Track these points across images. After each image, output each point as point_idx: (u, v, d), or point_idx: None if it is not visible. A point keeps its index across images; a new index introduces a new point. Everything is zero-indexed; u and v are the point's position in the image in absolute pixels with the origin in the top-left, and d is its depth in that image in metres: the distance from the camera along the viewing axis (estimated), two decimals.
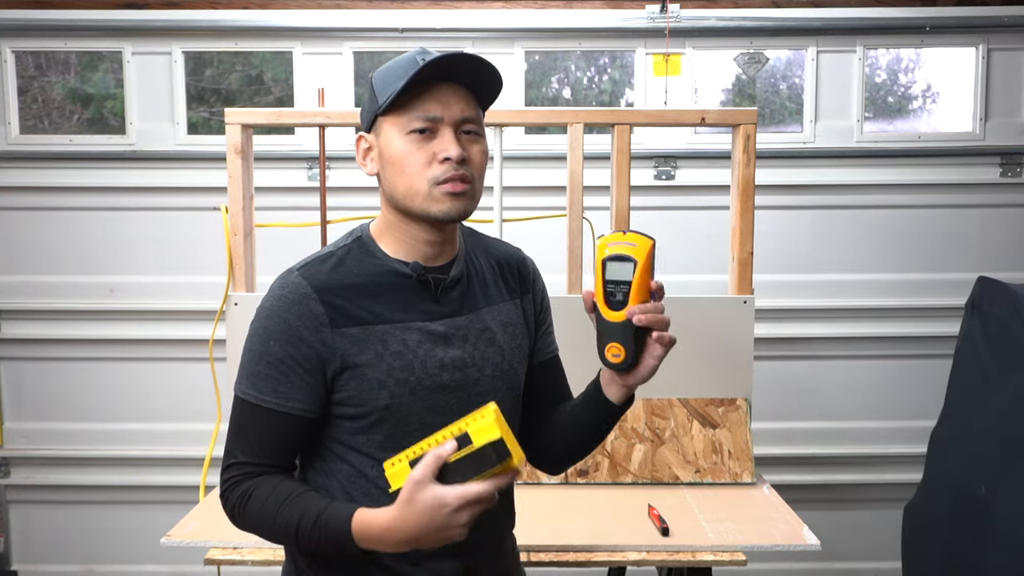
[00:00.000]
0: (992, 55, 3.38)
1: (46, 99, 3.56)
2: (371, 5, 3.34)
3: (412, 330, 1.31)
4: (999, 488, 2.40)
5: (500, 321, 1.40)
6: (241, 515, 1.32)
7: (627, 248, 1.25)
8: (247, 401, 1.31)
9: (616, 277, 1.25)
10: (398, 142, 1.30)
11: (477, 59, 1.28)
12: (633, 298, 1.25)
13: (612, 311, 1.25)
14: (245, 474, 1.31)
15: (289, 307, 1.29)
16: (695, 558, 1.96)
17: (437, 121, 1.29)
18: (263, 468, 1.31)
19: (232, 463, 1.33)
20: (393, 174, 1.31)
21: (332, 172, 3.29)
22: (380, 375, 1.28)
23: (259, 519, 1.30)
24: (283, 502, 1.27)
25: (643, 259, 1.25)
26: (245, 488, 1.31)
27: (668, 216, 3.37)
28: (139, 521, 3.44)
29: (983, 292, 2.59)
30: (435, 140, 1.29)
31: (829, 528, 3.03)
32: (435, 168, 1.28)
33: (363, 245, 1.36)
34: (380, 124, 1.32)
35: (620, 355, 1.26)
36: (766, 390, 3.30)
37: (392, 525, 1.19)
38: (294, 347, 1.28)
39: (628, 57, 3.48)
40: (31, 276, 3.44)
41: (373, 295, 1.31)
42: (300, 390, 1.29)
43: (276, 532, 1.29)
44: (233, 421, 1.34)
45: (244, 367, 1.32)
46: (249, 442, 1.31)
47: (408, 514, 1.17)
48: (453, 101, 1.30)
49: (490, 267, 1.44)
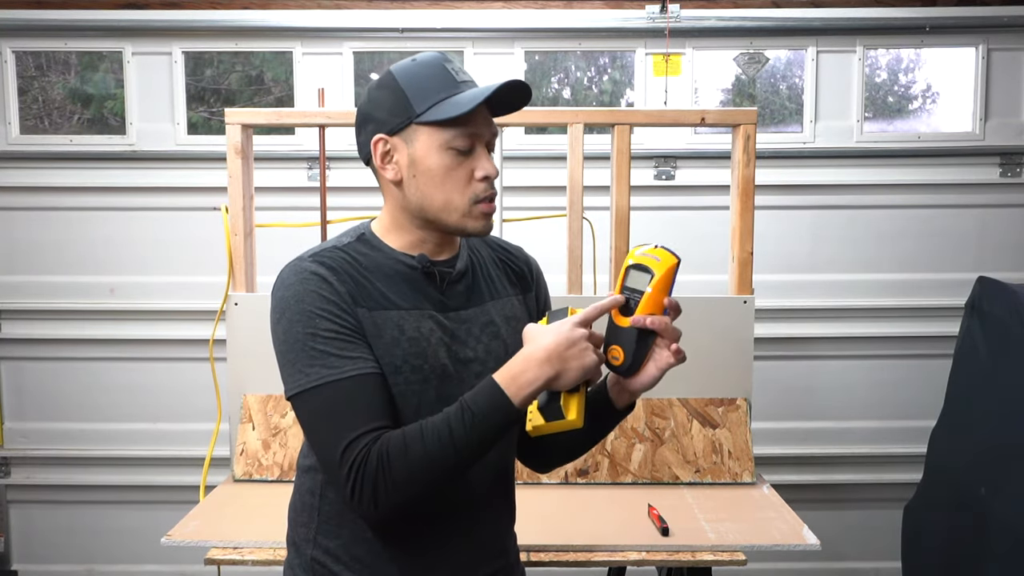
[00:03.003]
0: (992, 55, 3.38)
1: (46, 99, 3.57)
2: (371, 5, 3.34)
3: (425, 318, 1.32)
4: (999, 488, 2.40)
5: (504, 315, 1.41)
6: (389, 479, 1.20)
7: (651, 261, 1.29)
8: (324, 385, 1.23)
9: (634, 285, 1.29)
10: (437, 156, 1.30)
11: (528, 92, 1.33)
12: (643, 308, 1.28)
13: (622, 316, 1.29)
14: (370, 442, 1.21)
15: (318, 285, 1.27)
16: (695, 558, 1.96)
17: (478, 139, 1.32)
18: (382, 429, 1.23)
19: (347, 445, 1.20)
20: (429, 186, 1.31)
21: (332, 172, 3.29)
22: (397, 360, 1.29)
23: (412, 464, 1.20)
24: (421, 432, 1.21)
25: (661, 273, 1.28)
26: (380, 451, 1.20)
27: (668, 216, 3.38)
28: (139, 521, 3.44)
29: (983, 292, 2.59)
30: (472, 158, 1.32)
31: (829, 528, 3.03)
32: (475, 186, 1.32)
33: (367, 241, 1.37)
34: (415, 132, 1.30)
35: (619, 358, 1.29)
36: (766, 390, 3.30)
37: (528, 352, 1.22)
38: (341, 317, 1.26)
39: (628, 57, 3.48)
40: (31, 276, 3.44)
41: (386, 282, 1.32)
42: (368, 351, 1.26)
43: (435, 461, 1.20)
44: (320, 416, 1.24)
45: (297, 363, 1.25)
46: (354, 417, 1.22)
47: (538, 339, 1.23)
48: (489, 122, 1.34)
49: (494, 262, 1.46)
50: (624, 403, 1.37)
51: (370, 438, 1.21)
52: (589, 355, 1.22)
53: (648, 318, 1.27)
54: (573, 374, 1.22)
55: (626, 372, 1.30)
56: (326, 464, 1.24)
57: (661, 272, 1.28)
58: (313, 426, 1.26)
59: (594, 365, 1.23)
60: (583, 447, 1.47)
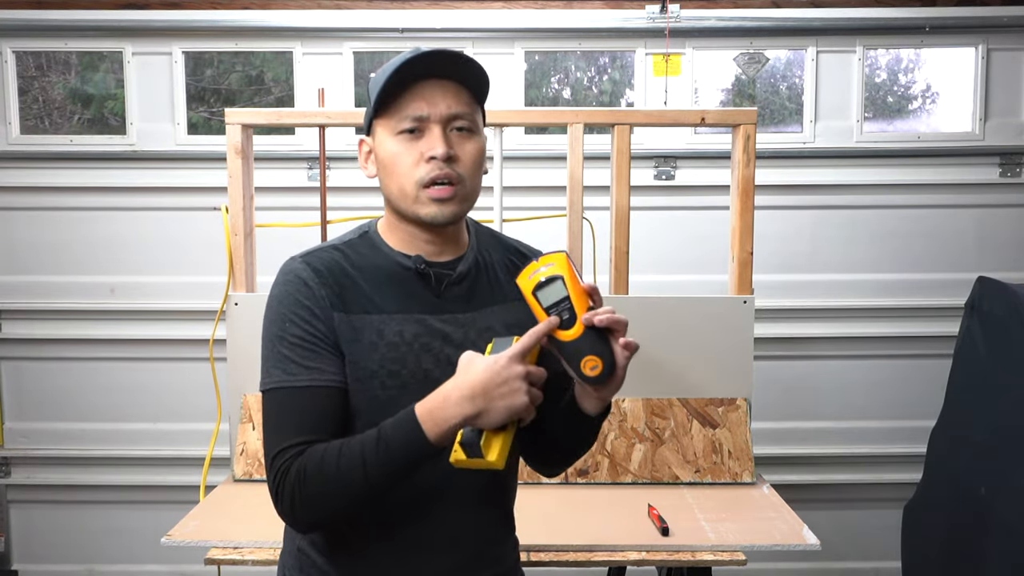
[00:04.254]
0: (992, 55, 3.38)
1: (46, 99, 3.57)
2: (371, 5, 3.34)
3: (411, 322, 1.30)
4: (999, 488, 2.40)
5: (505, 322, 1.37)
6: (303, 494, 1.20)
7: (548, 271, 1.22)
8: (279, 388, 1.25)
9: (552, 300, 1.21)
10: (390, 143, 1.30)
11: (455, 54, 1.27)
12: (578, 309, 1.21)
13: (567, 331, 1.21)
14: (295, 454, 1.22)
15: (297, 288, 1.28)
16: (695, 558, 1.96)
17: (424, 120, 1.28)
18: (313, 442, 1.23)
19: (277, 453, 1.23)
20: (386, 176, 1.32)
21: (332, 172, 3.29)
22: (373, 365, 1.28)
23: (325, 483, 1.19)
24: (339, 452, 1.20)
25: (567, 271, 1.22)
26: (300, 465, 1.21)
27: (668, 216, 3.38)
28: (139, 521, 3.44)
29: (983, 292, 2.60)
30: (423, 139, 1.29)
31: (829, 528, 3.03)
32: (421, 168, 1.28)
33: (369, 240, 1.36)
34: (376, 128, 1.33)
35: (598, 366, 1.21)
36: (766, 390, 3.30)
37: (453, 384, 1.18)
38: (311, 324, 1.27)
39: (628, 57, 3.48)
40: (31, 276, 3.44)
41: (374, 285, 1.31)
42: (329, 362, 1.26)
43: (345, 484, 1.19)
44: (269, 418, 1.27)
45: (266, 361, 1.28)
46: (291, 426, 1.24)
47: (467, 370, 1.18)
48: (440, 98, 1.28)
49: (504, 265, 1.41)
50: (598, 410, 1.30)
51: (297, 450, 1.22)
52: (520, 396, 1.15)
53: (595, 315, 1.20)
54: (497, 415, 1.15)
55: (608, 376, 1.22)
56: (265, 465, 1.27)
57: (565, 270, 1.22)
58: (264, 426, 1.28)
59: (522, 406, 1.16)
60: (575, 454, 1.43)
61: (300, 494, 1.21)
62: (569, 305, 1.21)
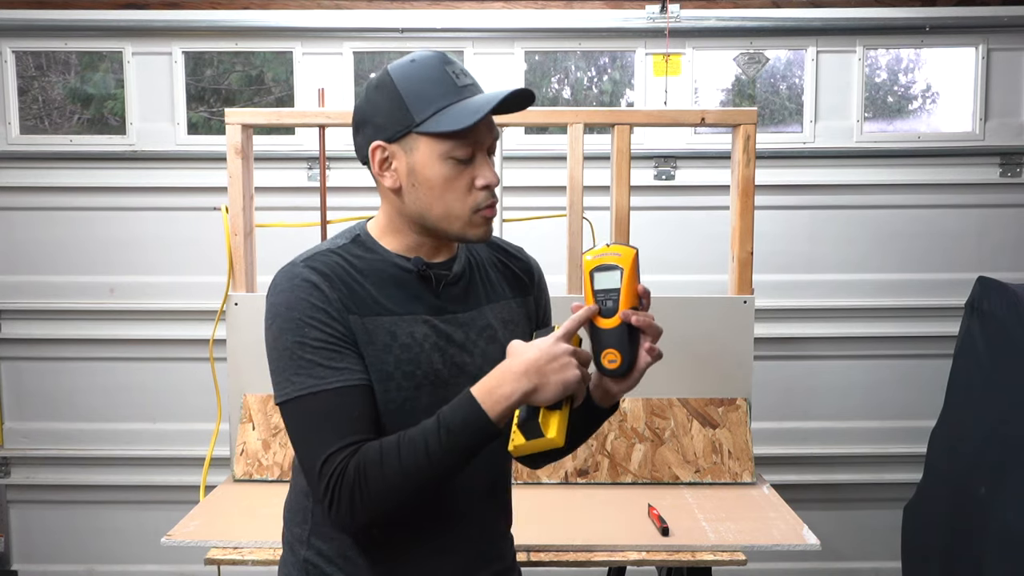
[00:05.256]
0: (992, 55, 3.38)
1: (46, 99, 3.57)
2: (371, 5, 3.34)
3: (419, 323, 1.31)
4: (999, 488, 2.40)
5: (502, 319, 1.40)
6: (365, 492, 1.19)
7: (612, 258, 1.29)
8: (310, 395, 1.22)
9: (605, 286, 1.28)
10: (439, 166, 1.27)
11: (532, 96, 1.30)
12: (623, 303, 1.27)
13: (605, 319, 1.27)
14: (349, 455, 1.20)
15: (309, 292, 1.26)
16: (695, 558, 1.96)
17: (478, 147, 1.29)
18: (361, 442, 1.22)
19: (327, 458, 1.20)
20: (429, 196, 1.29)
21: (332, 172, 3.29)
22: (388, 367, 1.27)
23: (389, 477, 1.19)
24: (398, 445, 1.19)
25: (628, 266, 1.28)
26: (357, 464, 1.19)
27: (668, 216, 3.38)
28: (139, 521, 3.44)
29: (983, 292, 2.60)
30: (473, 166, 1.29)
31: (829, 528, 3.03)
32: (476, 195, 1.29)
33: (362, 243, 1.35)
34: (414, 141, 1.27)
35: (616, 360, 1.27)
36: (766, 390, 3.30)
37: (507, 365, 1.20)
38: (330, 326, 1.25)
39: (628, 57, 3.48)
40: (31, 276, 3.44)
41: (379, 288, 1.30)
42: (355, 361, 1.25)
43: (409, 476, 1.19)
44: (305, 426, 1.23)
45: (284, 371, 1.25)
46: (334, 430, 1.21)
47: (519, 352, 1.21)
48: (490, 127, 1.30)
49: (493, 263, 1.44)
50: (608, 404, 1.35)
51: (348, 452, 1.20)
52: (571, 370, 1.19)
53: (634, 315, 1.25)
54: (553, 389, 1.19)
55: (624, 373, 1.28)
56: (307, 474, 1.24)
57: (628, 265, 1.27)
58: (297, 435, 1.25)
59: (575, 381, 1.19)
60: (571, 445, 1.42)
61: (361, 493, 1.19)
62: (616, 297, 1.27)
